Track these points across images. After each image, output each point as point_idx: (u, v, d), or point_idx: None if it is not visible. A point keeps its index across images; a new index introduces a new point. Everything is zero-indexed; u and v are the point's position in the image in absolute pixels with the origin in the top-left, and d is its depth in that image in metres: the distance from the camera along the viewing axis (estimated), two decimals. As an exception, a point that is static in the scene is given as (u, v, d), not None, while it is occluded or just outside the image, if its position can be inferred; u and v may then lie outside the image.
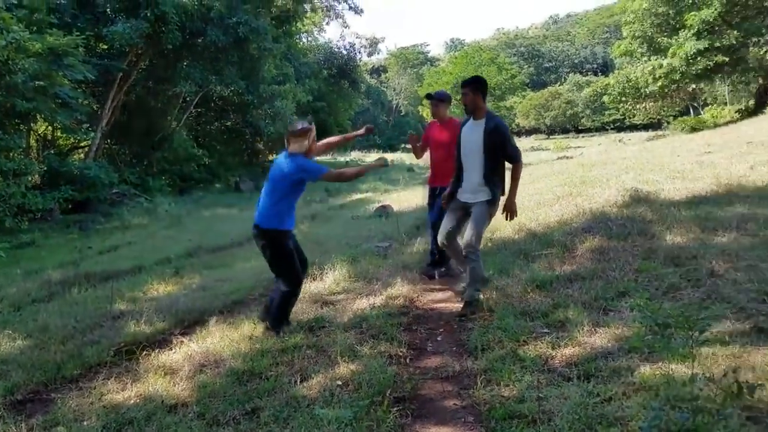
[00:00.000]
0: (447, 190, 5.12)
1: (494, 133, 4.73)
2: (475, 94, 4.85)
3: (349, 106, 41.78)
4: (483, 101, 4.90)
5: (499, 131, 4.75)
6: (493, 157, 4.77)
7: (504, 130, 4.81)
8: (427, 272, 6.14)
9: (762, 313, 3.61)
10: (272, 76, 26.11)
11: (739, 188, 7.69)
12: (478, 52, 53.89)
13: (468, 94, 4.87)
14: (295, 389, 3.34)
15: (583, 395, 2.87)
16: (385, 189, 20.19)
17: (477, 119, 4.87)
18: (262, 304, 4.87)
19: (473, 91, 4.86)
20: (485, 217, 4.86)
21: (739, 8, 24.23)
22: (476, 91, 4.86)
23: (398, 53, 79.28)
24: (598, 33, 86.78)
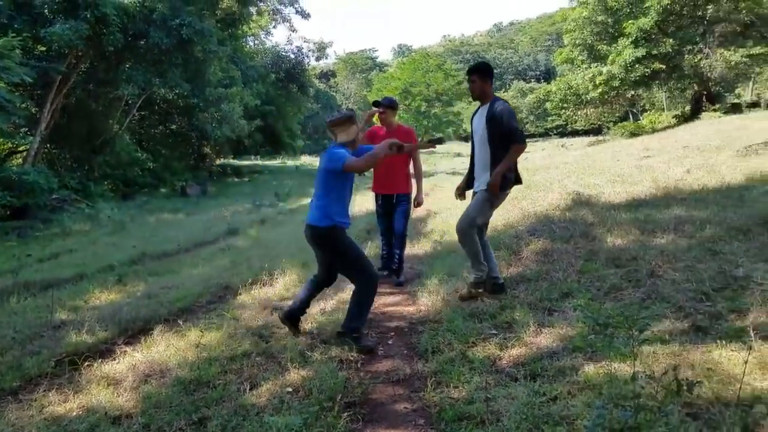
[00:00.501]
0: (461, 182, 5.12)
1: (494, 119, 4.66)
2: (483, 80, 4.81)
3: (298, 110, 41.47)
4: (490, 86, 4.85)
5: (497, 115, 4.65)
6: (497, 144, 4.67)
7: (502, 114, 4.65)
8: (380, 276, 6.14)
9: (700, 312, 3.78)
10: (218, 79, 25.70)
11: (676, 191, 8.02)
12: (426, 59, 54.37)
13: (476, 81, 4.81)
14: (244, 397, 3.31)
15: (529, 395, 2.94)
16: (335, 193, 20.12)
17: (484, 105, 4.84)
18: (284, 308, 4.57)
19: (481, 78, 4.81)
20: (483, 204, 4.75)
21: (674, 17, 25.29)
22: (484, 77, 4.82)
23: (347, 58, 79.34)
24: (540, 41, 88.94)
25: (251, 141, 35.01)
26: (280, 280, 6.08)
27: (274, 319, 4.80)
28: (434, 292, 5.16)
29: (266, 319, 4.82)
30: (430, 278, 5.60)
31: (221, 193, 24.13)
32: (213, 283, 6.35)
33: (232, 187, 26.71)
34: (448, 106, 51.33)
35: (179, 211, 18.03)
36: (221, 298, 5.94)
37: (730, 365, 2.94)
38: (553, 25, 76.85)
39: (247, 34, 36.34)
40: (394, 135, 5.77)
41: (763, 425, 2.39)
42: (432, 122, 49.82)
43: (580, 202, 8.14)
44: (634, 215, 6.83)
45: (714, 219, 6.02)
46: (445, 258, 6.57)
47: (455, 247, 7.00)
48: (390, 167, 5.93)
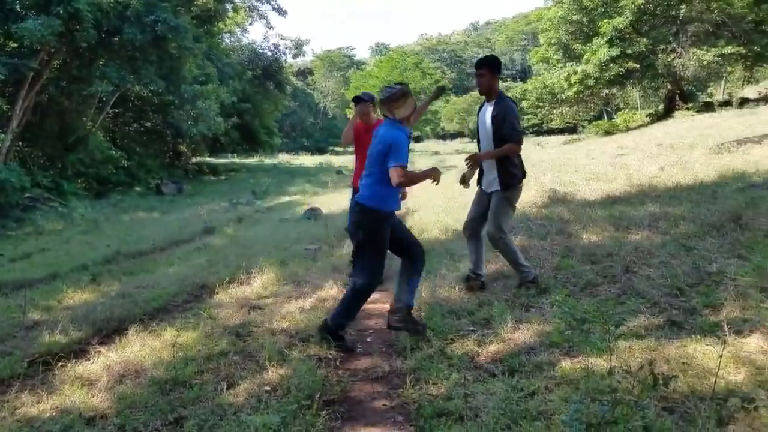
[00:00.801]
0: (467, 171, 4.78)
1: (497, 117, 4.59)
2: (492, 75, 4.70)
3: (275, 107, 41.26)
4: (497, 82, 4.78)
5: (500, 113, 4.58)
6: (502, 142, 4.59)
7: (506, 112, 4.59)
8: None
9: (674, 308, 3.84)
10: (194, 76, 25.44)
11: (650, 188, 8.14)
12: (403, 57, 54.51)
13: (485, 75, 4.68)
14: (221, 397, 3.27)
15: (507, 391, 2.96)
16: (313, 191, 20.08)
17: (490, 101, 4.74)
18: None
19: (491, 72, 4.70)
20: (502, 206, 4.69)
21: (648, 17, 25.61)
22: (493, 71, 4.71)
23: (324, 56, 79.05)
24: (516, 40, 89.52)
25: (228, 139, 34.70)
26: (258, 278, 6.03)
27: (251, 317, 4.77)
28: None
29: (244, 318, 4.78)
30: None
31: (197, 192, 23.90)
32: (189, 282, 6.28)
33: (209, 186, 26.48)
34: (425, 104, 51.38)
35: (154, 210, 17.84)
36: (198, 297, 5.88)
37: (704, 359, 2.98)
38: (528, 24, 77.36)
39: (223, 31, 36.01)
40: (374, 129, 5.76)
41: (737, 418, 2.44)
42: (409, 120, 49.81)
43: (557, 200, 8.22)
44: (609, 212, 6.91)
45: (687, 216, 6.12)
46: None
47: (434, 244, 7.03)
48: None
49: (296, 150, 52.95)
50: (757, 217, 5.55)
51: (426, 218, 9.19)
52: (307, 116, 66.35)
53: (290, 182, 25.71)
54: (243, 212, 15.07)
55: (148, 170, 25.64)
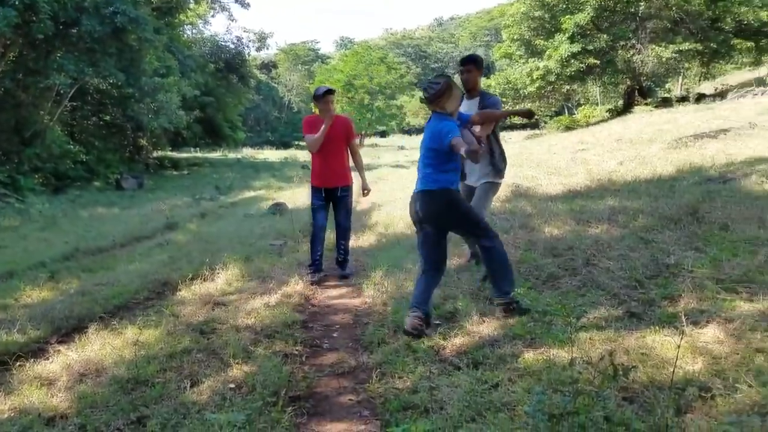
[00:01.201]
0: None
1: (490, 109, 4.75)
2: (479, 71, 4.93)
3: (238, 101, 40.76)
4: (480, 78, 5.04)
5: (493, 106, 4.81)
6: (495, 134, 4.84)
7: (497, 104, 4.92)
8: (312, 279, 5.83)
9: (634, 299, 3.93)
10: (154, 68, 24.89)
11: (609, 183, 8.31)
12: (368, 51, 54.38)
13: (473, 71, 4.89)
14: (184, 395, 3.22)
15: (472, 383, 2.99)
16: (278, 186, 19.92)
17: (471, 98, 4.87)
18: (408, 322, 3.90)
19: (478, 68, 4.92)
20: (487, 194, 4.96)
21: (608, 14, 26.08)
22: (479, 68, 4.93)
23: (288, 49, 78.32)
24: (479, 36, 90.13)
25: (190, 133, 34.15)
26: (222, 274, 5.95)
27: (215, 314, 4.71)
28: (379, 284, 5.17)
29: (207, 315, 4.71)
30: (375, 270, 5.61)
31: (159, 187, 23.48)
32: (151, 279, 6.17)
33: (171, 180, 26.03)
34: (390, 99, 51.53)
35: (114, 206, 17.47)
36: (160, 294, 5.77)
37: (663, 350, 3.06)
38: (492, 20, 78.01)
39: (184, 23, 35.37)
40: (334, 124, 5.71)
41: (694, 407, 2.51)
42: (375, 115, 49.91)
43: (519, 194, 8.34)
44: (570, 206, 7.04)
45: (646, 209, 6.26)
46: (390, 250, 6.60)
47: (400, 239, 7.05)
48: (332, 159, 5.81)
49: (261, 144, 52.48)
50: (713, 210, 5.72)
51: (394, 212, 9.22)
52: (271, 110, 65.78)
53: (255, 177, 25.45)
54: (206, 207, 14.86)
55: (108, 165, 25.02)
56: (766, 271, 3.97)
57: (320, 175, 5.87)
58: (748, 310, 3.41)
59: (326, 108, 5.66)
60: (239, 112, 42.88)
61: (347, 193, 5.97)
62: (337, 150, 5.82)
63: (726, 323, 3.26)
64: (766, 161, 7.51)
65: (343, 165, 5.93)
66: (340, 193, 5.91)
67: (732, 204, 5.79)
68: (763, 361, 2.79)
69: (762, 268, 4.04)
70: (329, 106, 5.67)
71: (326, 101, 5.65)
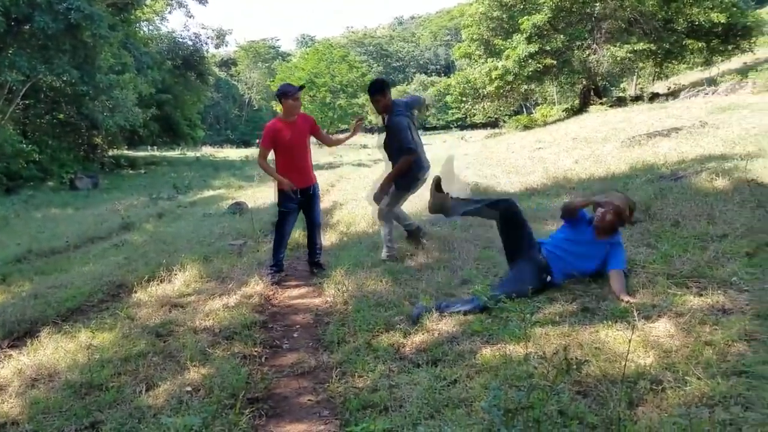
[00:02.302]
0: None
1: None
2: (385, 96, 5.53)
3: (197, 98, 40.11)
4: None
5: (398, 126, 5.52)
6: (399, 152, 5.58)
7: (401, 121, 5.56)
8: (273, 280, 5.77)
9: (587, 294, 4.02)
10: (110, 65, 24.30)
11: (565, 180, 8.47)
12: (330, 50, 54.10)
13: (381, 101, 5.50)
14: (139, 399, 3.16)
15: (431, 380, 3.01)
16: (239, 185, 19.65)
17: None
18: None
19: (383, 94, 5.52)
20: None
21: (564, 14, 26.55)
22: (385, 92, 5.54)
23: (248, 47, 77.49)
24: (440, 35, 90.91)
25: (147, 131, 33.41)
26: (180, 275, 5.84)
27: (172, 316, 4.63)
28: (340, 283, 5.15)
29: (164, 317, 4.62)
30: (336, 269, 5.59)
31: (114, 186, 22.94)
32: (105, 281, 6.02)
33: (127, 180, 25.45)
34: (353, 97, 51.40)
35: (68, 206, 16.99)
36: (115, 296, 5.64)
37: (615, 344, 3.13)
38: (452, 20, 78.75)
39: (140, 19, 34.64)
40: (297, 124, 5.61)
41: (646, 400, 2.57)
42: (337, 113, 49.71)
43: (479, 192, 8.42)
44: (528, 204, 7.15)
45: (600, 206, 6.39)
46: (351, 249, 6.58)
47: (362, 237, 7.05)
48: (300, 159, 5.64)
49: (220, 143, 51.81)
50: (665, 207, 5.87)
51: (355, 211, 9.20)
52: (231, 108, 64.98)
53: (214, 176, 25.09)
54: (164, 207, 14.55)
55: (62, 164, 24.31)
56: (715, 267, 4.10)
57: (293, 177, 5.63)
58: (698, 305, 3.51)
59: (295, 105, 5.54)
60: (198, 110, 42.20)
61: (317, 190, 5.89)
62: (305, 149, 5.69)
63: (676, 317, 3.35)
64: (716, 159, 7.75)
65: (310, 163, 5.83)
66: (311, 191, 5.80)
67: (683, 201, 5.96)
68: (711, 354, 2.86)
69: (711, 263, 4.17)
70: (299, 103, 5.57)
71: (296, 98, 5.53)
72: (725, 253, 4.32)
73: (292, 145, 5.58)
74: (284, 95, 5.50)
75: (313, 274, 5.95)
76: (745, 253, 4.24)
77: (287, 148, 5.56)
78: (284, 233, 5.83)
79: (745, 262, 4.08)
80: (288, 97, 5.48)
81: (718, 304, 3.48)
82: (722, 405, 2.43)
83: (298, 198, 5.69)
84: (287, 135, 5.53)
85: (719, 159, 7.67)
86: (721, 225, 4.96)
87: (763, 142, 8.05)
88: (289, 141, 5.54)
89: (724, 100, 16.80)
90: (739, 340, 2.97)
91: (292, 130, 5.57)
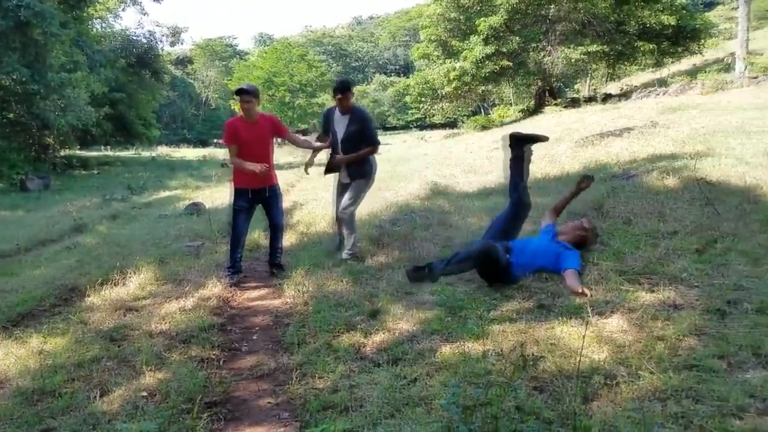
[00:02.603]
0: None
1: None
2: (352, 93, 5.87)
3: (152, 97, 39.19)
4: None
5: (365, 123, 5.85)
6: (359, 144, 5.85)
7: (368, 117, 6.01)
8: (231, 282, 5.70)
9: (543, 292, 4.10)
10: (61, 63, 23.57)
11: (522, 180, 8.60)
12: (288, 49, 53.71)
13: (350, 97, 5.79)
14: (93, 405, 3.08)
15: (391, 379, 3.02)
16: (196, 186, 19.29)
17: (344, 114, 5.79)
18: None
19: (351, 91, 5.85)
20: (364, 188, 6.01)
21: (520, 16, 26.92)
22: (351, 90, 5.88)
23: (204, 45, 76.24)
24: (398, 36, 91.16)
25: (100, 130, 32.47)
26: (134, 278, 5.70)
27: (127, 320, 4.52)
28: (300, 283, 5.12)
29: (118, 321, 4.51)
30: (296, 270, 5.55)
31: (67, 187, 22.26)
32: (57, 284, 5.84)
33: (80, 181, 24.74)
34: (312, 97, 51.12)
35: (18, 208, 16.39)
36: (67, 300, 5.48)
37: (570, 340, 3.20)
38: (410, 20, 79.09)
39: (93, 17, 33.68)
40: (258, 124, 5.57)
41: (600, 394, 2.64)
42: (297, 113, 49.37)
43: (438, 192, 8.51)
44: (485, 203, 7.25)
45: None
46: (311, 249, 6.56)
47: (322, 237, 7.03)
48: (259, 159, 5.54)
49: (177, 142, 50.82)
50: (617, 205, 6.02)
51: (314, 211, 9.16)
52: (188, 107, 63.81)
53: (170, 176, 24.56)
54: (118, 208, 14.18)
55: (12, 165, 23.42)
56: (666, 263, 4.23)
57: (245, 177, 5.59)
58: (650, 300, 3.62)
59: (245, 108, 5.50)
60: (153, 109, 41.24)
61: (276, 191, 5.82)
62: (265, 150, 5.64)
63: (629, 313, 3.45)
64: (666, 158, 7.99)
65: (271, 165, 5.75)
66: (268, 194, 5.72)
67: (635, 199, 6.12)
68: (663, 348, 2.96)
69: (662, 260, 4.30)
70: (247, 106, 5.48)
71: (244, 100, 5.47)
72: (675, 249, 4.46)
73: (250, 145, 5.55)
74: (236, 95, 5.65)
75: (273, 275, 5.89)
76: (694, 250, 4.40)
77: (245, 147, 5.54)
78: (237, 233, 5.76)
79: (694, 259, 4.22)
80: (237, 97, 5.61)
81: (669, 299, 3.59)
82: (674, 398, 2.51)
83: (249, 197, 5.68)
84: (244, 134, 5.52)
85: (669, 158, 7.90)
86: (672, 222, 5.12)
87: (712, 142, 8.33)
88: (247, 140, 5.52)
89: (675, 100, 17.31)
90: (690, 335, 3.08)
91: (252, 129, 5.55)
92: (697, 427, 2.26)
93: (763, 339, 2.89)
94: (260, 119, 5.64)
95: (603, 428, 2.33)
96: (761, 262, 3.98)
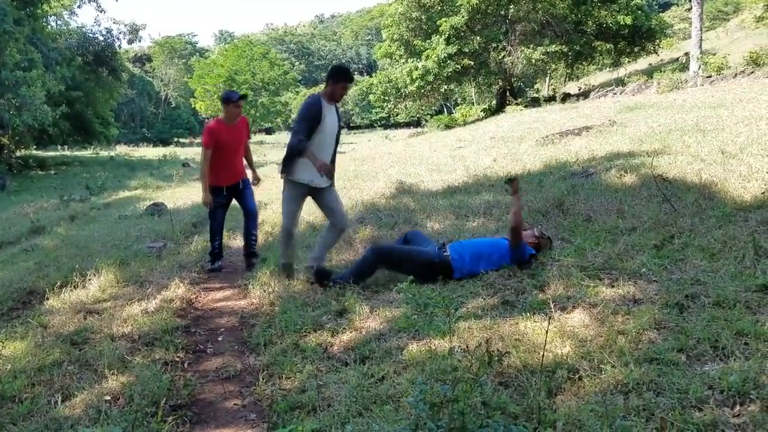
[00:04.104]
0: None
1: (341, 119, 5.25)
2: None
3: (110, 96, 38.35)
4: None
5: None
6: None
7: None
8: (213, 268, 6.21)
9: (507, 288, 4.16)
10: (15, 62, 22.88)
11: (485, 179, 8.70)
12: (250, 46, 53.22)
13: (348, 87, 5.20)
14: (55, 410, 3.02)
15: (359, 378, 3.03)
16: (157, 185, 18.94)
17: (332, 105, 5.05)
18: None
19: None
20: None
21: (480, 16, 27.15)
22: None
23: (164, 42, 74.86)
24: (361, 34, 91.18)
25: (57, 130, 31.69)
26: (95, 281, 5.58)
27: (88, 323, 4.42)
28: (266, 284, 5.09)
29: (79, 324, 4.41)
30: (261, 270, 5.51)
31: (23, 188, 21.68)
32: (15, 287, 5.69)
33: (37, 181, 24.10)
34: (275, 95, 50.72)
35: (-29, 210, 15.88)
36: (26, 304, 5.35)
37: (534, 335, 3.26)
38: (372, 19, 79.16)
39: (48, 14, 32.76)
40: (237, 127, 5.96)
41: (564, 388, 2.70)
42: (260, 111, 48.94)
43: (403, 191, 8.53)
44: (450, 201, 7.31)
45: (518, 203, 6.62)
46: (277, 249, 6.50)
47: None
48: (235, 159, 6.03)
49: (136, 141, 49.90)
50: (577, 203, 6.14)
51: (279, 211, 9.08)
52: (147, 105, 62.54)
53: (130, 176, 24.08)
54: (76, 209, 13.83)
55: (-34, 167, 22.74)
56: (625, 259, 4.34)
57: (222, 175, 5.97)
58: (610, 295, 3.70)
59: (237, 112, 5.88)
60: (111, 108, 40.38)
61: (247, 182, 6.20)
62: (239, 150, 6.08)
63: (591, 308, 3.53)
64: (624, 156, 8.16)
65: (241, 162, 6.21)
66: (241, 186, 6.10)
67: (594, 197, 6.26)
68: (624, 342, 3.03)
69: (622, 255, 4.41)
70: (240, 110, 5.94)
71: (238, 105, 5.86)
72: (634, 245, 4.58)
73: (229, 147, 5.91)
74: (227, 101, 5.88)
75: (250, 267, 6.04)
76: (653, 246, 4.52)
77: (223, 149, 5.86)
78: (216, 224, 6.17)
79: (653, 254, 4.34)
80: (230, 103, 5.84)
81: (629, 294, 3.68)
82: (636, 391, 2.57)
83: (225, 194, 6.06)
84: (225, 137, 5.85)
85: (627, 156, 8.08)
86: (630, 219, 5.25)
87: (668, 140, 8.55)
88: (226, 143, 5.86)
89: (632, 99, 17.69)
90: (650, 329, 3.16)
91: (232, 132, 5.92)
92: (659, 419, 2.32)
93: (721, 332, 2.97)
94: (240, 122, 6.04)
95: (567, 422, 2.39)
96: (718, 256, 4.10)
